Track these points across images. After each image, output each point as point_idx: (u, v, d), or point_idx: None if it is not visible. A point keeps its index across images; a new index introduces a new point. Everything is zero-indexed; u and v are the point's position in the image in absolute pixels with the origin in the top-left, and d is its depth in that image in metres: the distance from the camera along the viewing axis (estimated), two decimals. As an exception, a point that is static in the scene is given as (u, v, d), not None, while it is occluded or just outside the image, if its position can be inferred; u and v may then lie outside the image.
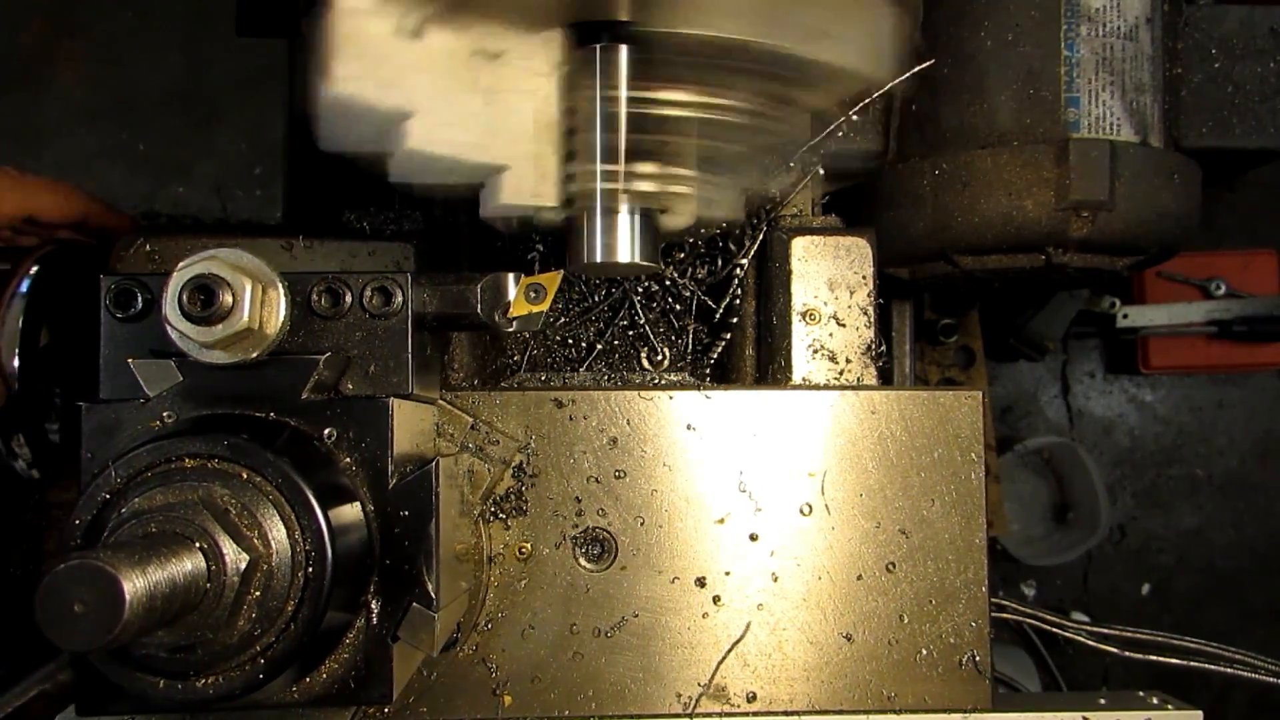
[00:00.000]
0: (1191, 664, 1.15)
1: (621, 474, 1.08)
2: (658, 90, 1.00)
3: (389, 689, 0.85)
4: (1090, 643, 1.19)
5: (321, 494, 0.79)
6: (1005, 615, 1.19)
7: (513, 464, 1.07)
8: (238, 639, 0.76)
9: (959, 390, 1.11)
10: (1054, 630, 1.21)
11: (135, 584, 0.63)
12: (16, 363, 1.28)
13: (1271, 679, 1.16)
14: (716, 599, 1.08)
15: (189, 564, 0.70)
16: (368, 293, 0.90)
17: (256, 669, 0.77)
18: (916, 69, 1.12)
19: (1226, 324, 2.56)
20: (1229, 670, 1.16)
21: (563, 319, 1.34)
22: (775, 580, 1.08)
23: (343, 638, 0.85)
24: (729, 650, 1.08)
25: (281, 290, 0.84)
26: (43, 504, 1.34)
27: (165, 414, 0.84)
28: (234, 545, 0.74)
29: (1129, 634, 1.18)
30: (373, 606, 0.85)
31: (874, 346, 1.21)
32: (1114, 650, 1.18)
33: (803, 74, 1.03)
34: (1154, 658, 1.16)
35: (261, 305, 0.82)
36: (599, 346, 1.33)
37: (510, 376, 1.29)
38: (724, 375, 1.34)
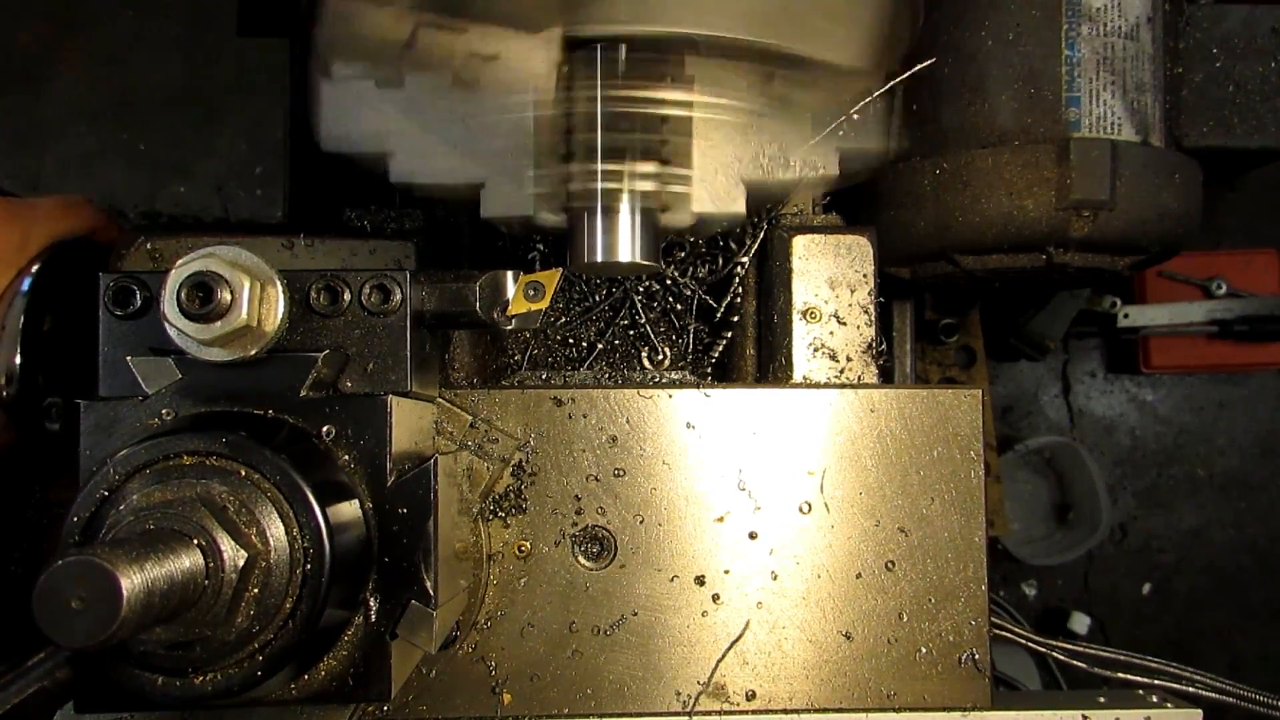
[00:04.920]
0: (1186, 689, 1.15)
1: (621, 472, 1.08)
2: (657, 90, 1.00)
3: (387, 686, 0.85)
4: (1082, 665, 1.19)
5: (320, 491, 0.79)
6: (1003, 634, 1.19)
7: (512, 462, 1.07)
8: (236, 636, 0.76)
9: (958, 389, 1.11)
10: (1047, 653, 1.20)
11: (133, 581, 0.63)
12: (18, 360, 1.28)
13: (1268, 711, 1.16)
14: (716, 597, 1.08)
15: (187, 561, 0.70)
16: (366, 290, 0.90)
17: (255, 666, 0.77)
18: (917, 68, 1.12)
19: (1227, 323, 2.56)
20: (1229, 700, 1.16)
21: (564, 319, 1.34)
22: (774, 578, 1.08)
23: (341, 635, 0.85)
24: (728, 648, 1.07)
25: (280, 288, 0.84)
26: (43, 502, 1.34)
27: (164, 411, 0.84)
28: (232, 542, 0.74)
29: (1123, 657, 1.17)
30: (371, 604, 0.85)
31: (874, 345, 1.21)
32: (1106, 673, 1.17)
33: (801, 72, 1.03)
34: (1145, 680, 1.16)
35: (260, 303, 0.82)
36: (600, 346, 1.33)
37: (511, 375, 1.29)
38: (725, 374, 1.34)
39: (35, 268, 1.32)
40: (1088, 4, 1.34)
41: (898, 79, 1.11)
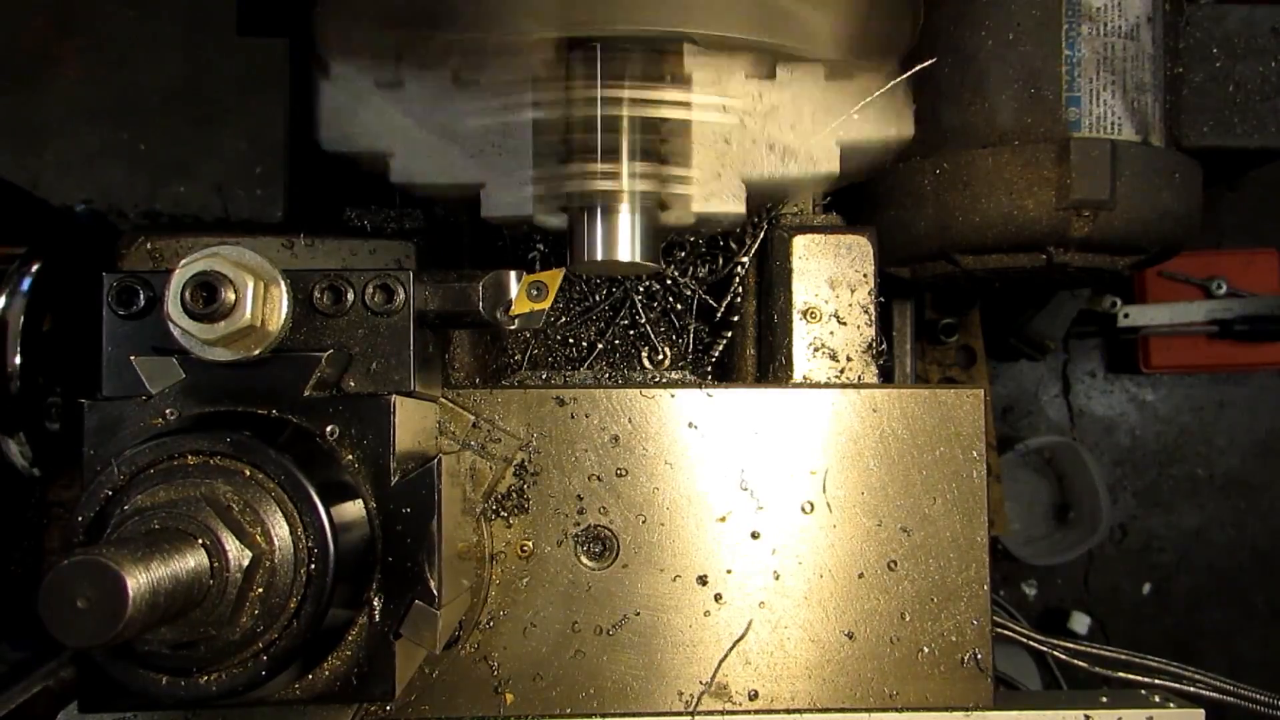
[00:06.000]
0: (1187, 689, 1.15)
1: (623, 472, 1.08)
2: (657, 90, 1.00)
3: (391, 686, 0.85)
4: (1082, 664, 1.19)
5: (324, 491, 0.79)
6: (1004, 633, 1.19)
7: (514, 462, 1.07)
8: (240, 636, 0.76)
9: (960, 389, 1.11)
10: (1048, 653, 1.20)
11: (138, 580, 0.63)
12: (18, 360, 1.28)
13: (1269, 711, 1.16)
14: (718, 597, 1.08)
15: (192, 561, 0.70)
16: (370, 290, 0.90)
17: (259, 666, 0.77)
18: (917, 68, 1.12)
19: (1228, 323, 2.56)
20: (1230, 700, 1.16)
21: (564, 319, 1.34)
22: (777, 578, 1.08)
23: (345, 635, 0.85)
24: (731, 648, 1.08)
25: (284, 287, 0.84)
26: (43, 502, 1.34)
27: (167, 411, 0.85)
28: (237, 542, 0.74)
29: (1123, 657, 1.17)
30: (375, 604, 0.85)
31: (875, 345, 1.21)
32: (1107, 673, 1.18)
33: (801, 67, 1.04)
34: (1146, 680, 1.16)
35: (264, 302, 0.82)
36: (600, 346, 1.33)
37: (511, 375, 1.29)
38: (725, 374, 1.34)
39: (35, 267, 1.32)
40: (1088, 4, 1.35)
41: (898, 79, 1.11)
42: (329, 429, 0.85)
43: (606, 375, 1.32)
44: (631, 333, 1.34)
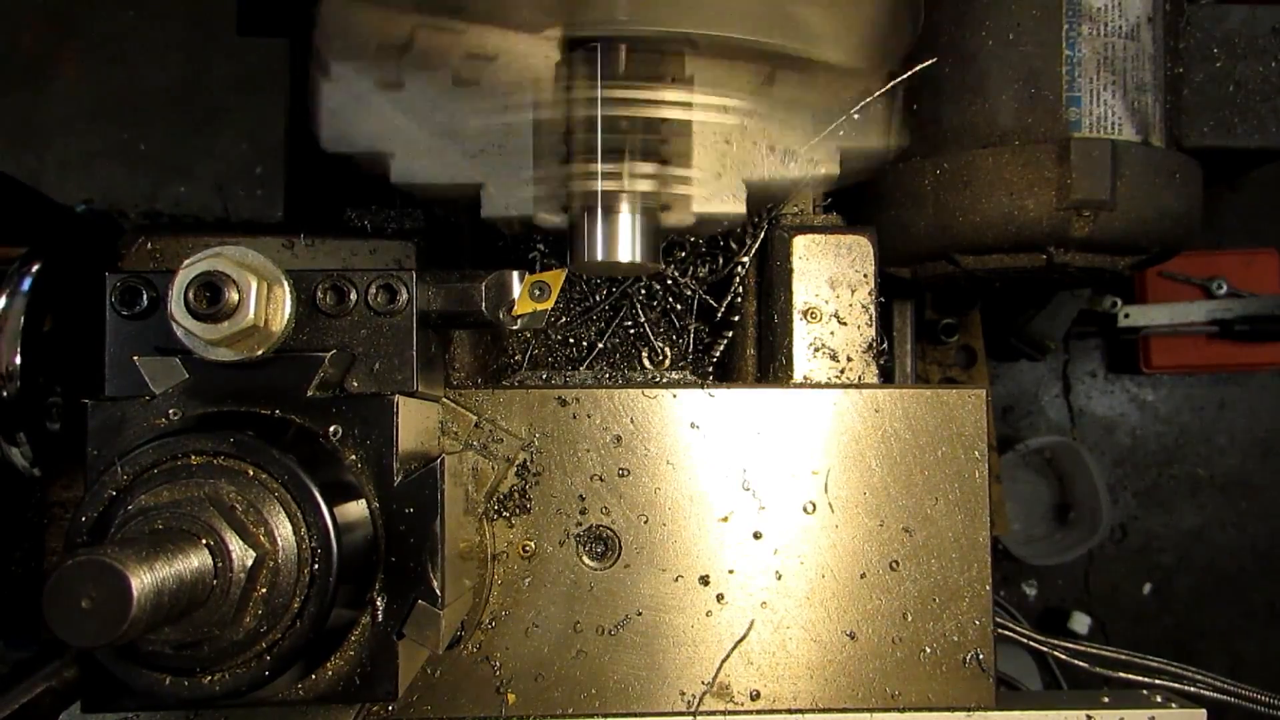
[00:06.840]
0: (1187, 689, 1.15)
1: (625, 472, 1.08)
2: (657, 90, 1.00)
3: (394, 686, 0.85)
4: (1083, 664, 1.19)
5: (327, 491, 0.79)
6: (1005, 633, 1.19)
7: (516, 462, 1.07)
8: (244, 636, 0.76)
9: (963, 389, 1.11)
10: (1048, 653, 1.20)
11: (143, 580, 0.63)
12: (18, 360, 1.28)
13: (1270, 712, 1.17)
14: (720, 597, 1.08)
15: (195, 561, 0.70)
16: (373, 290, 0.90)
17: (262, 666, 0.77)
18: (917, 68, 1.12)
19: (1228, 323, 2.56)
20: (1231, 700, 1.16)
21: (564, 318, 1.34)
22: (779, 578, 1.08)
23: (348, 635, 0.85)
24: (733, 648, 1.08)
25: (287, 288, 0.85)
26: (44, 502, 1.34)
27: (171, 411, 0.85)
28: (240, 542, 0.74)
29: (1124, 657, 1.18)
30: (378, 604, 0.85)
31: (875, 345, 1.21)
32: (1108, 673, 1.18)
33: (800, 72, 1.04)
34: (1146, 680, 1.16)
35: (267, 303, 0.82)
36: (600, 346, 1.33)
37: (511, 375, 1.29)
38: (725, 374, 1.34)
39: (35, 267, 1.32)
40: (1088, 4, 1.35)
41: (899, 79, 1.11)
42: (332, 429, 0.86)
43: (607, 375, 1.32)
44: (632, 333, 1.34)
